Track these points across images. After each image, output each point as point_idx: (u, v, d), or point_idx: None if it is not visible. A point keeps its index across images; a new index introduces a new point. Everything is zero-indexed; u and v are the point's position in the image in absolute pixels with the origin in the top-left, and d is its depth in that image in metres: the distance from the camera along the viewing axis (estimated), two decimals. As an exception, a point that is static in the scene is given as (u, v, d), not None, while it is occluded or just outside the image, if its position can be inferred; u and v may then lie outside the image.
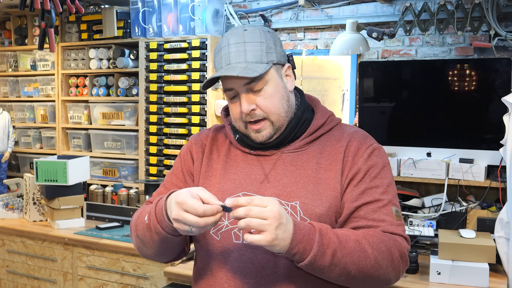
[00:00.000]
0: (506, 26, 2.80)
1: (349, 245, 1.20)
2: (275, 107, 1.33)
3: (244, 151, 1.41)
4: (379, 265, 1.23)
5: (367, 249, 1.21)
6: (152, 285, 2.80)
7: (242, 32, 1.32)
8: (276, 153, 1.38)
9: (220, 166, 1.41)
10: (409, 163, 2.74)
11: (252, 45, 1.30)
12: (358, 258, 1.20)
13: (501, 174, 2.56)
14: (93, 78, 3.96)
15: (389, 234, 1.28)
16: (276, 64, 1.34)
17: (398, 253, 1.27)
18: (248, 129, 1.35)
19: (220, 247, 1.34)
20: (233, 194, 1.35)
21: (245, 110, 1.31)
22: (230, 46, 1.31)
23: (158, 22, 3.57)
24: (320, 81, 3.32)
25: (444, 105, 2.80)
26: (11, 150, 4.58)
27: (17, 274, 3.26)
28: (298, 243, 1.15)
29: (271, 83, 1.32)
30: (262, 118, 1.32)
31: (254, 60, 1.29)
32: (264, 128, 1.33)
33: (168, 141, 3.57)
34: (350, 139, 1.37)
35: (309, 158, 1.35)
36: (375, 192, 1.31)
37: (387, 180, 1.35)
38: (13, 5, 3.91)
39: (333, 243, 1.18)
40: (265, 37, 1.32)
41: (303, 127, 1.39)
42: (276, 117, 1.33)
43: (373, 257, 1.22)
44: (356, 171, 1.32)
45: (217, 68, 1.34)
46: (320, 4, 3.31)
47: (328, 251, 1.17)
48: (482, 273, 2.24)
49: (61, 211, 3.19)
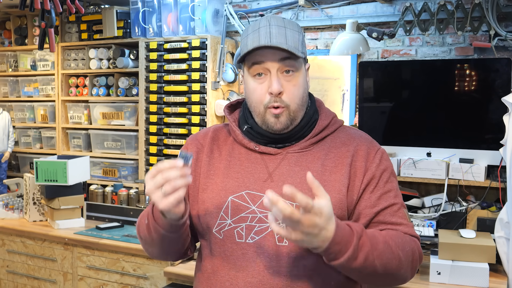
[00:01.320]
0: (506, 26, 2.80)
1: (379, 247, 1.21)
2: (298, 97, 1.33)
3: (249, 147, 1.39)
4: (402, 264, 1.25)
5: (394, 250, 1.24)
6: (152, 285, 2.80)
7: (282, 18, 1.33)
8: (281, 153, 1.37)
9: (223, 165, 1.40)
10: (409, 163, 2.74)
11: (292, 32, 1.31)
12: (387, 259, 1.22)
13: (501, 174, 2.56)
14: (93, 78, 3.96)
15: (408, 236, 1.31)
16: (305, 59, 1.36)
17: (417, 252, 1.31)
18: (267, 115, 1.34)
19: (223, 245, 1.34)
20: (236, 193, 1.34)
21: (276, 89, 1.29)
22: (271, 26, 1.29)
23: (158, 22, 3.57)
24: (320, 81, 3.32)
25: (444, 105, 2.80)
26: (11, 150, 4.58)
27: (17, 274, 3.26)
28: (336, 245, 1.15)
29: (301, 74, 1.33)
30: (284, 106, 1.32)
31: (293, 45, 1.29)
32: (282, 115, 1.32)
33: (168, 141, 3.57)
34: (357, 143, 1.38)
35: (314, 159, 1.35)
36: (389, 197, 1.33)
37: (395, 183, 1.38)
38: (13, 5, 3.92)
39: (366, 246, 1.19)
40: (301, 29, 1.36)
41: (311, 127, 1.39)
42: (296, 108, 1.33)
43: (398, 257, 1.24)
44: (371, 176, 1.33)
45: (249, 46, 1.30)
46: (320, 4, 3.31)
47: (361, 255, 1.17)
48: (482, 273, 2.24)
49: (61, 211, 3.19)
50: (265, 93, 1.31)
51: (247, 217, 1.31)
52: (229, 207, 1.33)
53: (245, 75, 1.37)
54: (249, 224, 1.31)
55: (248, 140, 1.39)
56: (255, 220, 1.31)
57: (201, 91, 3.42)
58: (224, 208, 1.33)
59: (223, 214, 1.33)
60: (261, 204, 1.31)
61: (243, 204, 1.32)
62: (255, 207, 1.31)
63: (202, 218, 1.37)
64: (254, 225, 1.31)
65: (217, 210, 1.34)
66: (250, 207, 1.32)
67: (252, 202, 1.32)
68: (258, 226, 1.31)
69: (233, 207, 1.33)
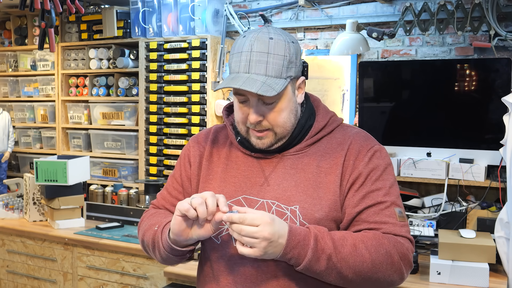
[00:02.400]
0: (506, 26, 2.80)
1: (345, 249, 1.21)
2: (282, 120, 1.31)
3: (245, 152, 1.40)
4: (376, 268, 1.23)
5: (364, 253, 1.22)
6: (152, 285, 2.80)
7: (267, 41, 1.27)
8: (276, 156, 1.37)
9: (221, 169, 1.40)
10: (409, 163, 2.74)
11: (275, 57, 1.26)
12: (354, 262, 1.21)
13: (501, 174, 2.56)
14: (93, 78, 3.96)
15: (391, 236, 1.27)
16: (293, 79, 1.32)
17: (398, 255, 1.26)
18: (249, 134, 1.34)
19: (221, 250, 1.35)
20: (233, 198, 1.35)
21: (253, 120, 1.29)
22: (252, 53, 1.26)
23: (158, 22, 3.57)
24: (320, 81, 3.32)
25: (444, 105, 2.80)
26: (11, 150, 4.58)
27: (17, 274, 3.26)
28: (293, 249, 1.18)
29: (284, 99, 1.30)
30: (266, 129, 1.31)
31: (274, 74, 1.26)
32: (266, 137, 1.32)
33: (168, 141, 3.57)
34: (351, 142, 1.36)
35: (310, 161, 1.34)
36: (376, 195, 1.30)
37: (389, 181, 1.33)
38: (13, 5, 3.91)
39: (328, 248, 1.20)
40: (289, 50, 1.28)
41: (306, 133, 1.38)
42: (281, 130, 1.32)
43: (370, 261, 1.22)
44: (357, 175, 1.31)
45: (233, 70, 1.29)
46: (320, 4, 3.30)
47: (323, 256, 1.19)
48: (482, 273, 2.24)
49: (61, 211, 3.19)
50: (247, 116, 1.31)
51: None
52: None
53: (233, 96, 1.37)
54: None
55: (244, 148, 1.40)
56: None
57: (201, 91, 3.42)
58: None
59: None
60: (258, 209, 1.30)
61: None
62: None
63: None
64: None
65: None
66: None
67: (249, 207, 1.32)
68: None
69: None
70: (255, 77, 1.25)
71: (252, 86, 1.23)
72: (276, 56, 1.26)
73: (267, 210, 1.25)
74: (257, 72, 1.25)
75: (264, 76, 1.25)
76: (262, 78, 1.25)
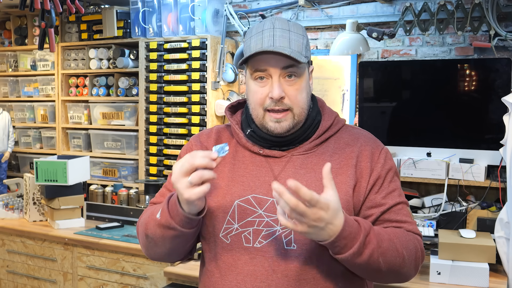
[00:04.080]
0: (506, 26, 2.80)
1: (384, 244, 1.22)
2: (302, 100, 1.33)
3: (253, 151, 1.38)
4: (405, 262, 1.26)
5: (398, 247, 1.25)
6: (152, 285, 2.80)
7: (286, 21, 1.33)
8: (286, 155, 1.36)
9: (228, 168, 1.38)
10: (409, 163, 2.74)
11: (296, 36, 1.31)
12: (391, 257, 1.23)
13: (501, 174, 2.56)
14: (93, 78, 3.96)
15: (412, 233, 1.32)
16: (308, 63, 1.36)
17: (420, 250, 1.31)
18: (266, 118, 1.33)
19: (230, 250, 1.32)
20: (242, 197, 1.33)
21: (277, 94, 1.28)
22: (275, 29, 1.29)
23: (158, 22, 3.57)
24: (320, 81, 3.32)
25: (444, 105, 2.80)
26: (11, 150, 4.58)
27: (17, 274, 3.26)
28: (342, 239, 1.16)
29: (303, 78, 1.33)
30: (287, 108, 1.31)
31: (297, 49, 1.29)
32: (285, 119, 1.31)
33: (168, 141, 3.57)
34: (362, 143, 1.38)
35: (319, 161, 1.34)
36: (394, 196, 1.34)
37: (398, 182, 1.40)
38: (13, 5, 3.92)
39: (372, 243, 1.20)
40: (305, 33, 1.35)
41: (315, 128, 1.39)
42: (300, 111, 1.33)
43: (402, 255, 1.25)
44: (377, 177, 1.34)
45: (252, 49, 1.29)
46: (320, 4, 3.30)
47: (366, 251, 1.19)
48: (482, 273, 2.24)
49: (61, 211, 3.19)
50: (266, 97, 1.31)
51: (254, 221, 1.30)
52: (236, 211, 1.32)
53: (247, 77, 1.36)
54: (257, 228, 1.30)
55: (251, 143, 1.38)
56: (262, 224, 1.30)
57: (201, 91, 3.42)
58: (230, 213, 1.32)
59: (230, 219, 1.32)
60: (268, 208, 1.30)
61: (249, 208, 1.31)
62: (262, 211, 1.31)
63: (208, 222, 1.35)
64: (262, 229, 1.30)
65: (223, 214, 1.33)
66: (257, 211, 1.31)
67: (258, 206, 1.31)
68: (265, 230, 1.30)
69: (240, 211, 1.32)
70: (280, 48, 1.27)
71: (284, 50, 1.26)
72: (296, 35, 1.31)
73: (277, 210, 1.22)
74: (282, 44, 1.28)
75: (288, 48, 1.28)
76: (287, 50, 1.27)
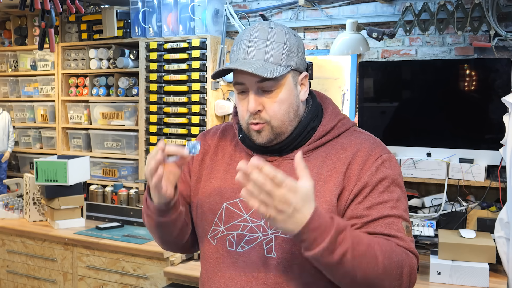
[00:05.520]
0: (506, 26, 2.80)
1: (361, 248, 1.11)
2: (281, 113, 1.26)
3: (247, 153, 1.37)
4: (386, 275, 1.14)
5: (378, 255, 1.13)
6: (152, 285, 2.80)
7: (267, 29, 1.25)
8: (277, 159, 1.32)
9: (223, 168, 1.38)
10: (409, 163, 2.74)
11: (275, 44, 1.24)
12: (367, 264, 1.11)
13: (501, 174, 2.56)
14: (93, 78, 3.96)
15: (402, 248, 1.20)
16: (294, 70, 1.27)
17: (409, 268, 1.18)
18: (249, 130, 1.30)
19: (215, 252, 1.33)
20: (231, 199, 1.32)
21: (252, 109, 1.25)
22: (251, 40, 1.24)
23: (158, 22, 3.57)
24: (320, 81, 3.32)
25: (444, 105, 2.80)
26: (11, 150, 4.58)
27: (17, 274, 3.26)
28: (311, 231, 1.07)
29: (285, 89, 1.26)
30: (263, 122, 1.27)
31: (273, 60, 1.23)
32: (263, 130, 1.27)
33: (168, 141, 3.57)
34: (358, 149, 1.28)
35: (310, 168, 1.25)
36: (383, 208, 1.22)
37: (397, 194, 1.25)
38: (13, 5, 3.91)
39: (346, 243, 1.09)
40: (289, 39, 1.26)
41: (308, 135, 1.32)
42: (278, 124, 1.27)
43: (382, 266, 1.13)
44: (363, 186, 1.23)
45: (232, 59, 1.28)
46: (320, 4, 3.30)
47: (339, 250, 1.08)
48: (482, 273, 2.24)
49: (61, 211, 3.19)
50: (246, 110, 1.28)
51: (239, 225, 1.30)
52: (223, 213, 1.32)
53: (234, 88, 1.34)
54: (241, 232, 1.29)
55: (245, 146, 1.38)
56: (246, 229, 1.29)
57: (201, 91, 3.42)
58: (218, 215, 1.33)
59: (217, 221, 1.32)
60: (253, 213, 1.28)
61: (236, 212, 1.31)
62: (247, 216, 1.29)
63: (199, 222, 1.37)
64: (245, 234, 1.29)
65: (212, 215, 1.34)
66: (243, 216, 1.30)
67: (245, 210, 1.30)
68: (248, 235, 1.28)
69: (227, 214, 1.31)
70: (252, 61, 1.23)
71: (249, 67, 1.20)
72: (275, 43, 1.24)
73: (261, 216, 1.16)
74: (255, 57, 1.24)
75: (262, 61, 1.23)
76: (260, 62, 1.23)
